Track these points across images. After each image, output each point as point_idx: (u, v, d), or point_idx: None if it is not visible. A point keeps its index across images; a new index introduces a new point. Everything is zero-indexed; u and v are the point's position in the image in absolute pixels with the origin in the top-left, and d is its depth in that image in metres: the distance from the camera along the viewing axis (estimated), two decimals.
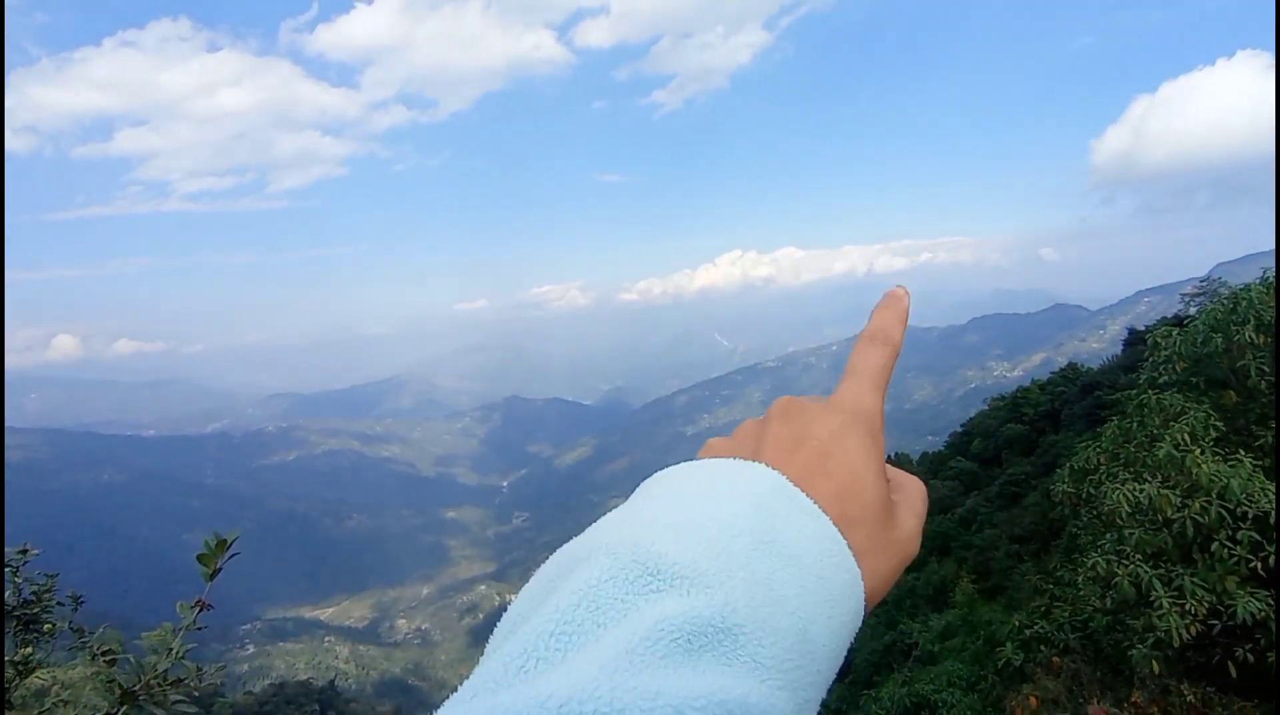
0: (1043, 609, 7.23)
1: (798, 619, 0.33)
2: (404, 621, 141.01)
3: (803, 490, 0.37)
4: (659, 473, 0.41)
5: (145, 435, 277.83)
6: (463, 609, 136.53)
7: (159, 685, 1.37)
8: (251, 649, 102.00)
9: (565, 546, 0.38)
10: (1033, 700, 5.49)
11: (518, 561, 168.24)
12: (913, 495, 0.44)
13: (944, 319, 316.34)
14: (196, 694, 1.44)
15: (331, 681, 67.44)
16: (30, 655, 1.91)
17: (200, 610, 1.45)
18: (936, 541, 23.41)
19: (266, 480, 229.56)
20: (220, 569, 1.34)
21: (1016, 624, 7.22)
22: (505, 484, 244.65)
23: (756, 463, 0.39)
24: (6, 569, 2.26)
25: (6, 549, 2.29)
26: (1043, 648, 6.46)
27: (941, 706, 8.27)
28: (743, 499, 0.36)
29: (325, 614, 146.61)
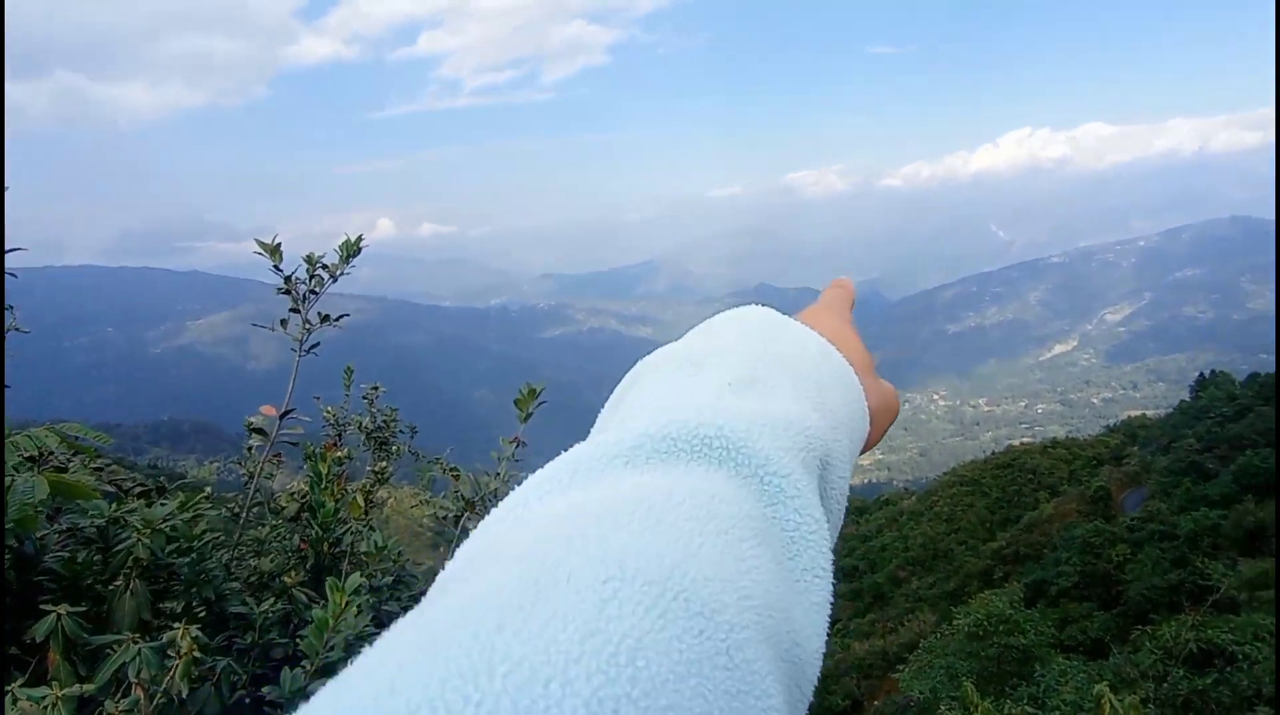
0: None
1: (813, 380, 0.49)
2: None
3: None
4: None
5: (444, 305, 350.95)
6: None
7: (493, 501, 1.67)
8: None
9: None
10: None
11: None
12: (888, 386, 0.62)
13: None
14: None
15: None
16: (385, 468, 2.77)
17: (517, 446, 1.86)
18: (1258, 478, 21.73)
19: (539, 350, 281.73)
20: (532, 413, 1.69)
21: None
22: None
23: (754, 305, 0.58)
24: (364, 400, 3.08)
25: (362, 386, 3.06)
26: None
27: (1242, 660, 7.72)
28: (749, 317, 0.55)
29: None
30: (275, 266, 2.15)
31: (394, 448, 3.28)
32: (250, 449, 2.41)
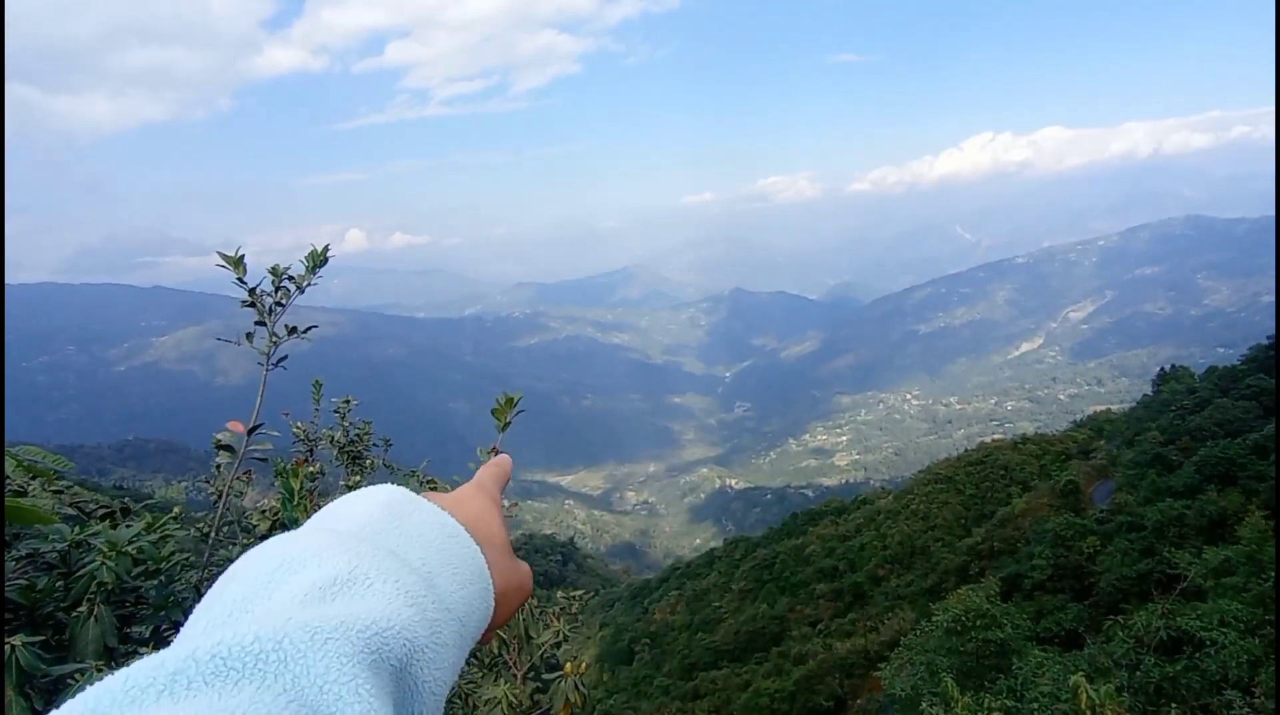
0: None
1: (421, 572, 0.51)
2: (633, 494, 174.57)
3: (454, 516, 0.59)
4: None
5: (417, 316, 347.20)
6: (685, 488, 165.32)
7: None
8: (505, 502, 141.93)
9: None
10: None
11: (740, 449, 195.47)
12: (522, 565, 0.67)
13: (1257, 209, 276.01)
14: None
15: (571, 539, 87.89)
16: (359, 482, 2.72)
17: (494, 455, 1.73)
18: (1220, 468, 22.21)
19: (514, 360, 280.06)
20: (510, 422, 1.64)
21: None
22: (728, 374, 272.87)
23: (388, 485, 0.59)
24: (335, 413, 3.09)
25: (334, 399, 3.04)
26: None
27: (1209, 645, 7.95)
28: (373, 501, 0.56)
29: (565, 480, 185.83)
30: (239, 279, 2.10)
31: (368, 462, 3.29)
32: (218, 467, 2.35)
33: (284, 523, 2.00)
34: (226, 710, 0.33)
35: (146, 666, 0.35)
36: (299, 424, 3.07)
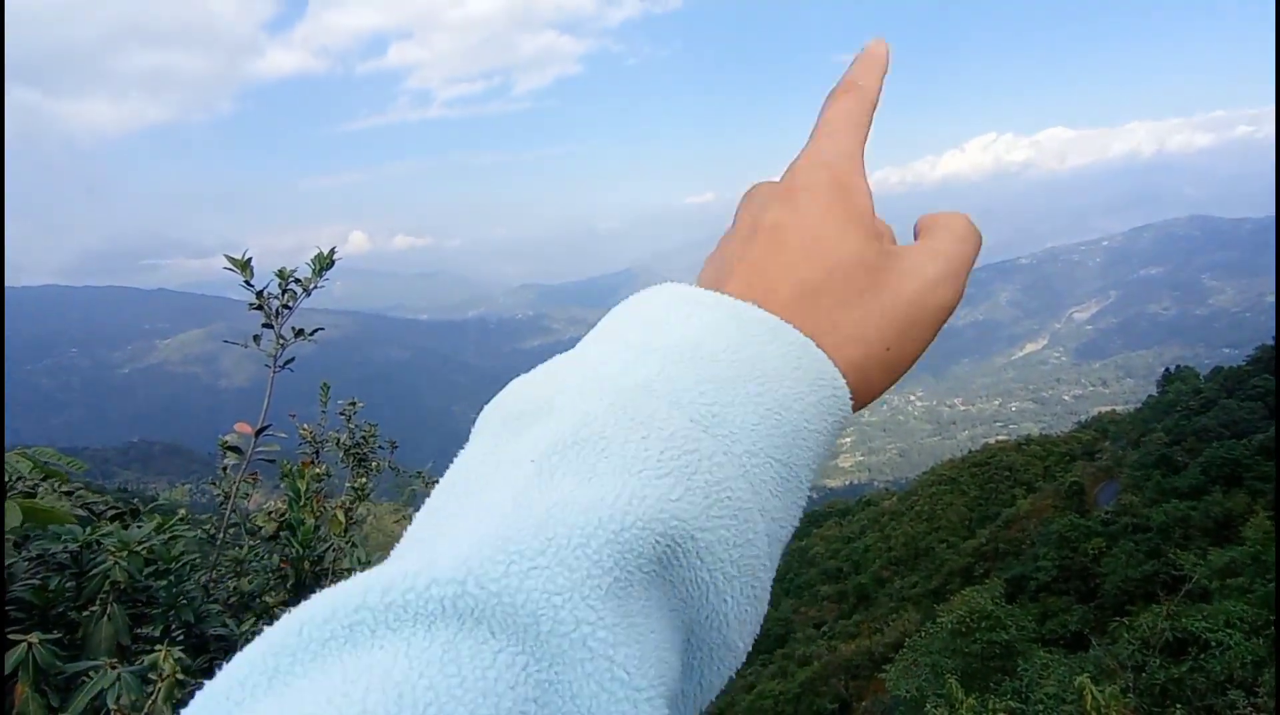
0: None
1: (696, 407, 0.31)
2: None
3: (756, 275, 0.37)
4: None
5: (420, 319, 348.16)
6: None
7: None
8: None
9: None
10: None
11: None
12: (941, 236, 0.38)
13: (1261, 208, 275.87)
14: None
15: None
16: (365, 485, 2.79)
17: None
18: (1225, 469, 21.97)
19: (518, 363, 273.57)
20: None
21: None
22: None
23: (660, 285, 0.37)
24: (341, 416, 3.11)
25: (339, 401, 3.09)
26: None
27: (1215, 646, 7.94)
28: (636, 313, 0.36)
29: None
30: (246, 282, 2.12)
31: (373, 464, 3.28)
32: (225, 468, 2.37)
33: (290, 524, 2.03)
34: (418, 658, 0.22)
35: (320, 613, 0.24)
36: (305, 426, 3.08)
